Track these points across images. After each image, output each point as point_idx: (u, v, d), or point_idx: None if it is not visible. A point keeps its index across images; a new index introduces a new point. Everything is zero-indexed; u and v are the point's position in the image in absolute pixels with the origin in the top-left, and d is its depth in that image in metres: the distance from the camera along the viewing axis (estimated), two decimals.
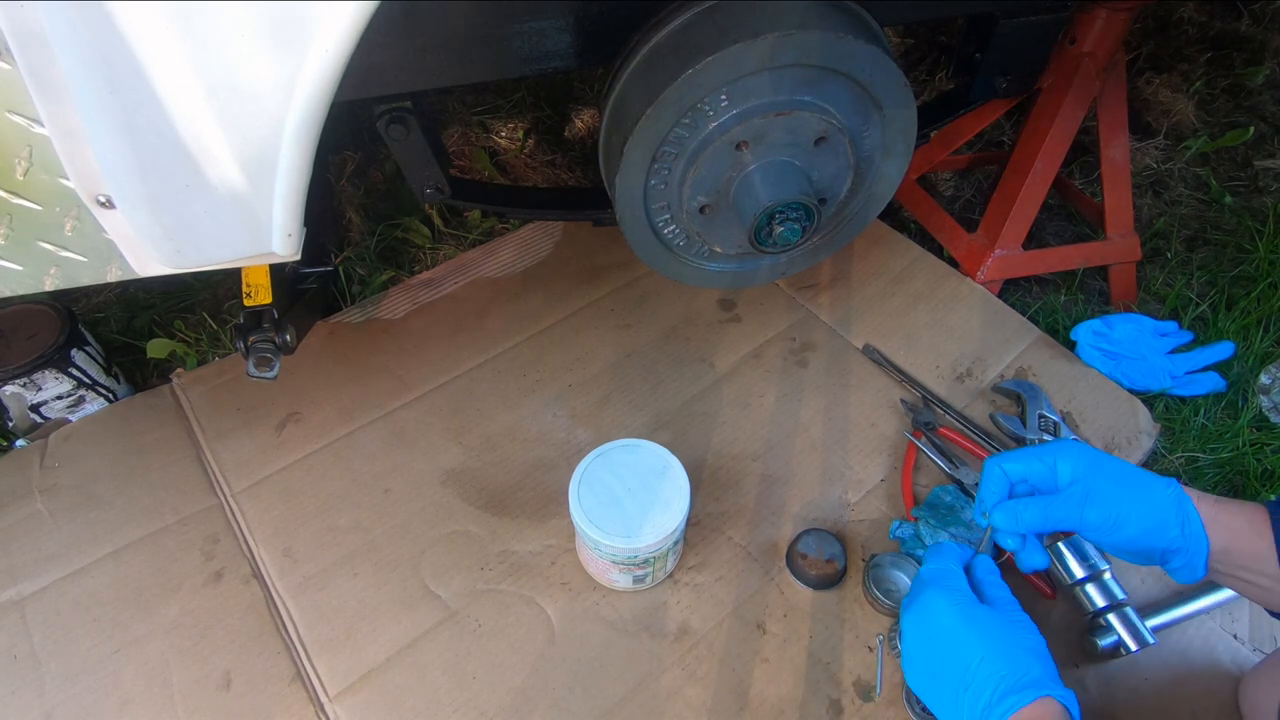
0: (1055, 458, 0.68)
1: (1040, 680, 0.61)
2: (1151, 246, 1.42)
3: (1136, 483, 0.65)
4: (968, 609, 0.67)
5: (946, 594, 0.69)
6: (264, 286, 0.96)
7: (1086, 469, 0.66)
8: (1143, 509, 0.63)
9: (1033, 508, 0.67)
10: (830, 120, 0.83)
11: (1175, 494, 0.64)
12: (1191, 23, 1.81)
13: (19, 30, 0.53)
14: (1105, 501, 0.64)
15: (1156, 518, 0.63)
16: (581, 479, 0.85)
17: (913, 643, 0.69)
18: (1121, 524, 0.64)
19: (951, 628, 0.66)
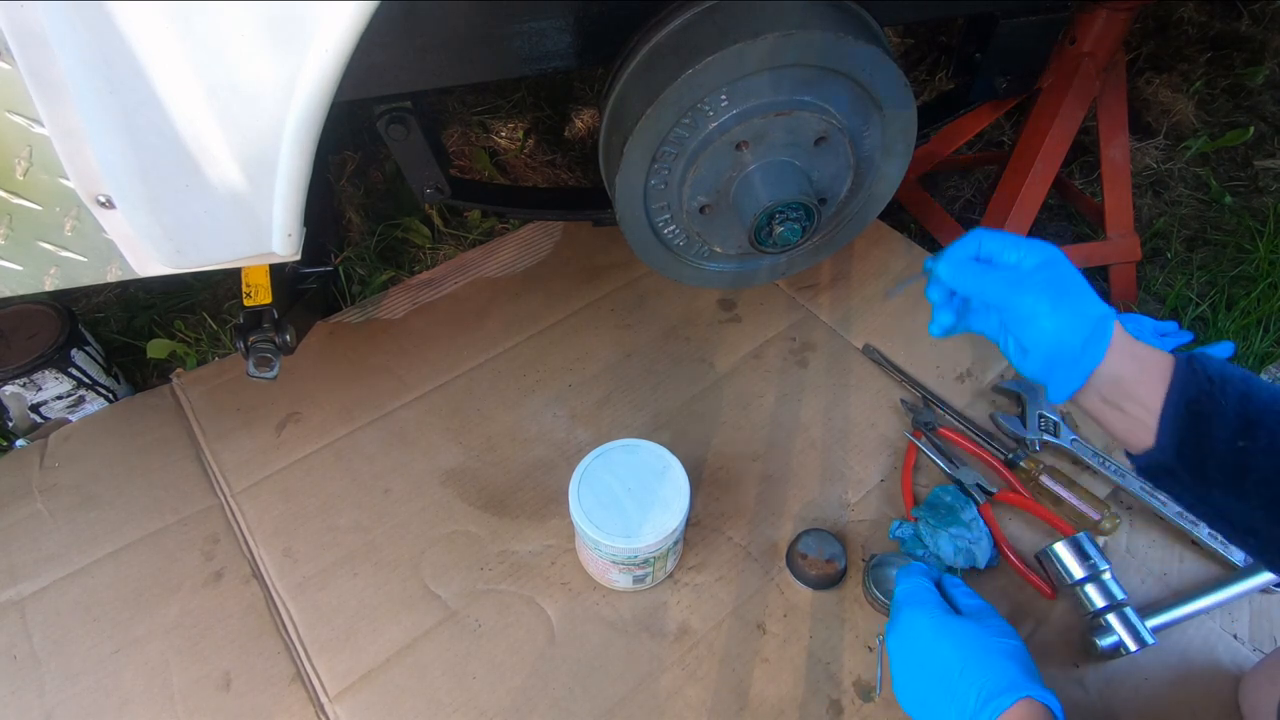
0: (1029, 249, 0.64)
1: (1020, 683, 0.62)
2: (1151, 246, 1.42)
3: (1076, 291, 0.62)
4: (944, 622, 0.69)
5: (923, 610, 0.71)
6: (264, 286, 0.96)
7: (1045, 264, 0.63)
8: (1064, 312, 0.61)
9: (980, 272, 0.65)
10: (830, 120, 0.83)
11: (1101, 313, 0.61)
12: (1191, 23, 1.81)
13: (19, 30, 0.53)
14: (1039, 293, 0.62)
15: (1070, 325, 0.61)
16: (581, 479, 0.85)
17: (898, 661, 0.71)
18: (1039, 319, 0.62)
19: (931, 642, 0.68)
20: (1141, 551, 0.94)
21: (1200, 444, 0.58)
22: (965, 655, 0.66)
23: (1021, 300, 0.62)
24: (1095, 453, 1.01)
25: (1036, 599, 0.90)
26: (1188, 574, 0.92)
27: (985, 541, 0.91)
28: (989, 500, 0.96)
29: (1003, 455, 1.01)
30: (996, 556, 0.92)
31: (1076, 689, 0.83)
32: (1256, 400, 0.56)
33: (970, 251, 0.69)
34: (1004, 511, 0.97)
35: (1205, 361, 0.59)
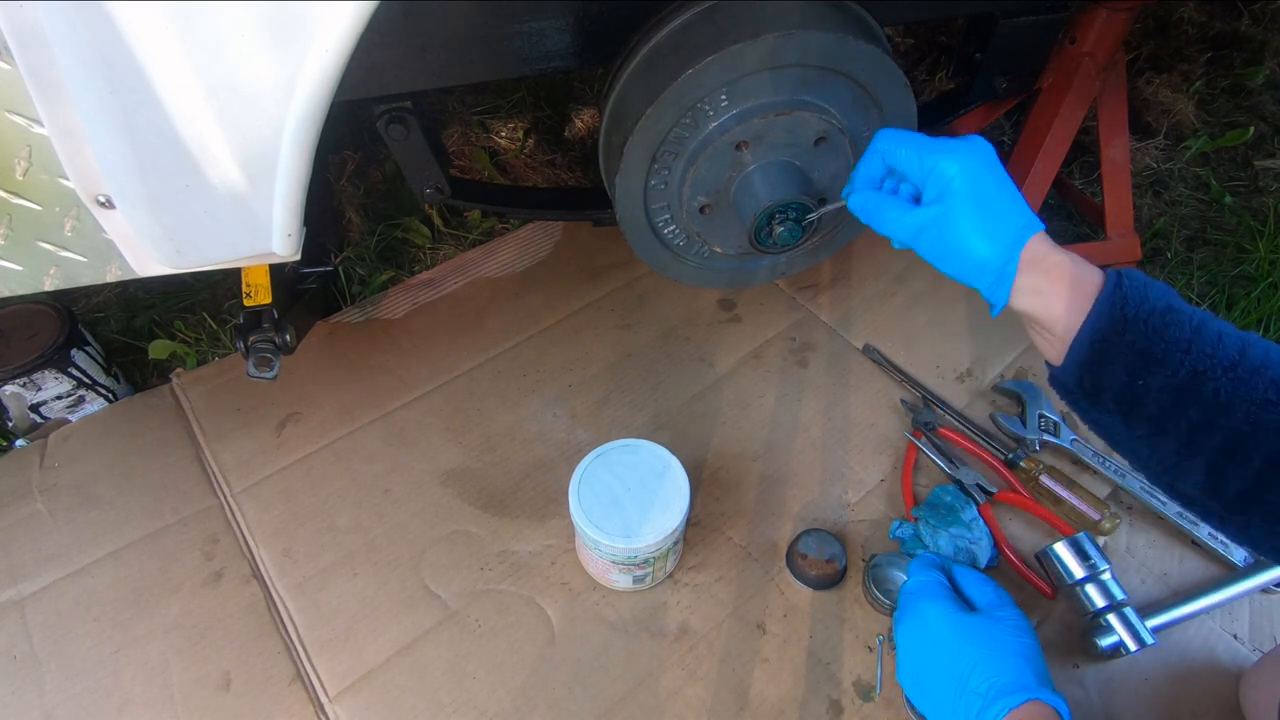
0: (935, 163, 0.63)
1: (1030, 684, 0.62)
2: (1151, 246, 1.42)
3: (980, 226, 0.61)
4: (957, 618, 0.69)
5: (936, 604, 0.71)
6: (264, 286, 0.96)
7: (948, 193, 0.62)
8: (966, 256, 0.62)
9: (882, 209, 0.67)
10: (830, 120, 0.83)
11: (1007, 255, 0.61)
12: (1191, 23, 1.81)
13: (19, 30, 0.53)
14: (939, 237, 0.63)
15: (976, 268, 0.62)
16: (581, 479, 0.85)
17: (907, 654, 0.71)
18: (943, 263, 0.64)
19: (944, 637, 0.68)
20: (1141, 551, 0.94)
21: (1099, 378, 0.58)
22: (975, 652, 0.65)
23: (925, 247, 0.64)
24: (1095, 453, 1.01)
25: (1037, 599, 0.90)
26: (1188, 574, 0.92)
27: (985, 541, 0.91)
28: (989, 500, 0.96)
29: (1003, 455, 1.01)
30: (996, 556, 0.92)
31: (1076, 689, 0.83)
32: (1167, 336, 0.56)
33: (875, 174, 0.69)
34: (1004, 511, 0.97)
35: (1129, 288, 0.57)
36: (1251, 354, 0.55)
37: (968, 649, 0.66)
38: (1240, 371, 0.55)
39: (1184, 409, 0.56)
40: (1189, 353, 0.55)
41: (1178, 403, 0.56)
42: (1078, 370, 0.59)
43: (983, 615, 0.70)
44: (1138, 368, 0.57)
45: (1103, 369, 0.58)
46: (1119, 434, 0.61)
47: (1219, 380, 0.55)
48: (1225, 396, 0.54)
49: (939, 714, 0.66)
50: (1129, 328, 0.56)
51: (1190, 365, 0.55)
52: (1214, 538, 0.93)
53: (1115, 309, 0.57)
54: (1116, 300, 0.57)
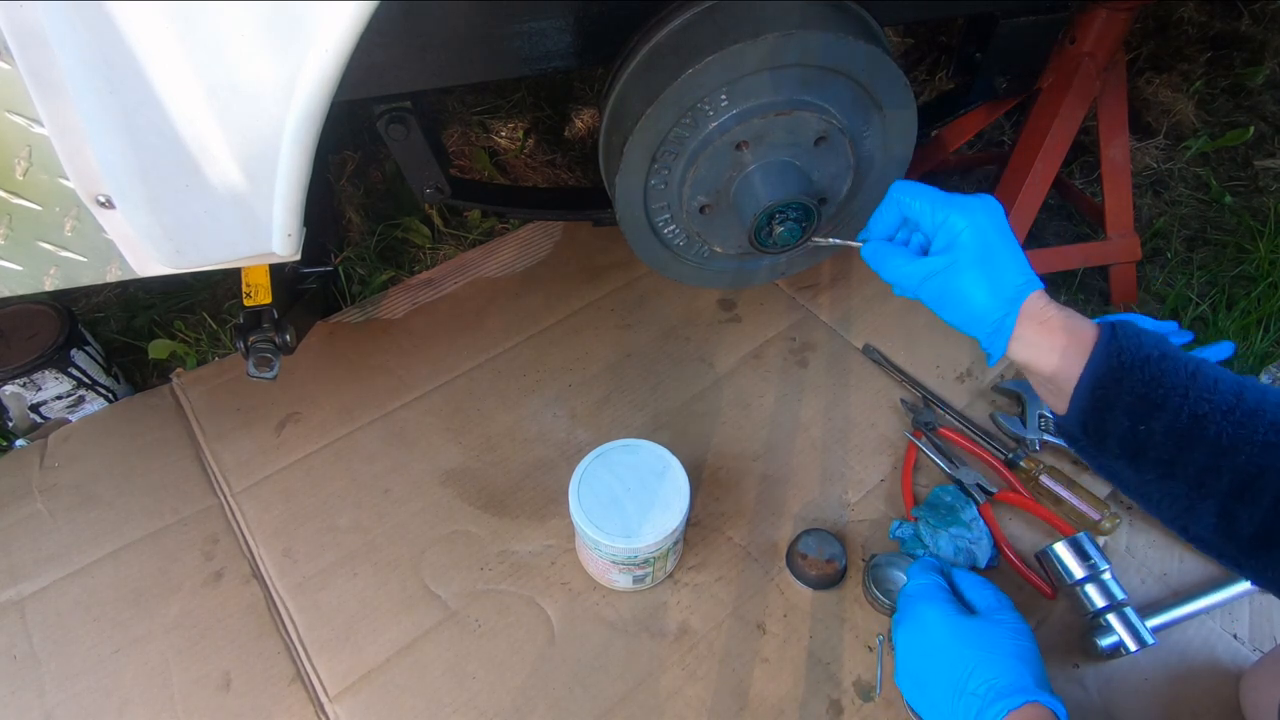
0: (945, 217, 0.67)
1: (1028, 686, 0.62)
2: (1151, 246, 1.42)
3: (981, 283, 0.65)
4: (956, 620, 0.70)
5: (935, 607, 0.71)
6: (264, 286, 0.96)
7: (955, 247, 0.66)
8: (967, 309, 0.65)
9: (889, 258, 0.70)
10: (830, 120, 0.83)
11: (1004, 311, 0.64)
12: (1191, 23, 1.81)
13: (19, 30, 0.53)
14: (942, 291, 0.66)
15: (975, 322, 0.65)
16: (581, 479, 0.85)
17: (906, 657, 0.71)
18: (944, 314, 0.67)
19: (943, 641, 0.68)
20: (1141, 551, 0.94)
21: (1103, 424, 0.60)
22: (973, 655, 0.66)
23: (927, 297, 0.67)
24: None
25: (1036, 599, 0.90)
26: (1188, 574, 0.92)
27: (985, 541, 0.91)
28: (989, 500, 0.96)
29: (1003, 455, 1.01)
30: (996, 556, 0.92)
31: (1076, 689, 0.83)
32: (1164, 382, 0.58)
33: (892, 224, 0.71)
34: (1004, 511, 0.97)
35: (1124, 339, 0.60)
36: (1248, 397, 0.56)
37: (966, 652, 0.67)
38: (1239, 415, 0.56)
39: (1189, 452, 0.57)
40: (1187, 397, 0.57)
41: (1182, 446, 0.57)
42: (1081, 418, 0.61)
43: (981, 618, 0.71)
44: (1139, 413, 0.58)
45: (1105, 415, 0.60)
46: (1128, 479, 0.62)
47: (1219, 424, 0.56)
48: (1227, 440, 0.55)
49: (937, 716, 0.66)
50: (1126, 374, 0.58)
51: (1190, 409, 0.56)
52: None
53: (1112, 357, 0.59)
54: (1113, 349, 0.59)
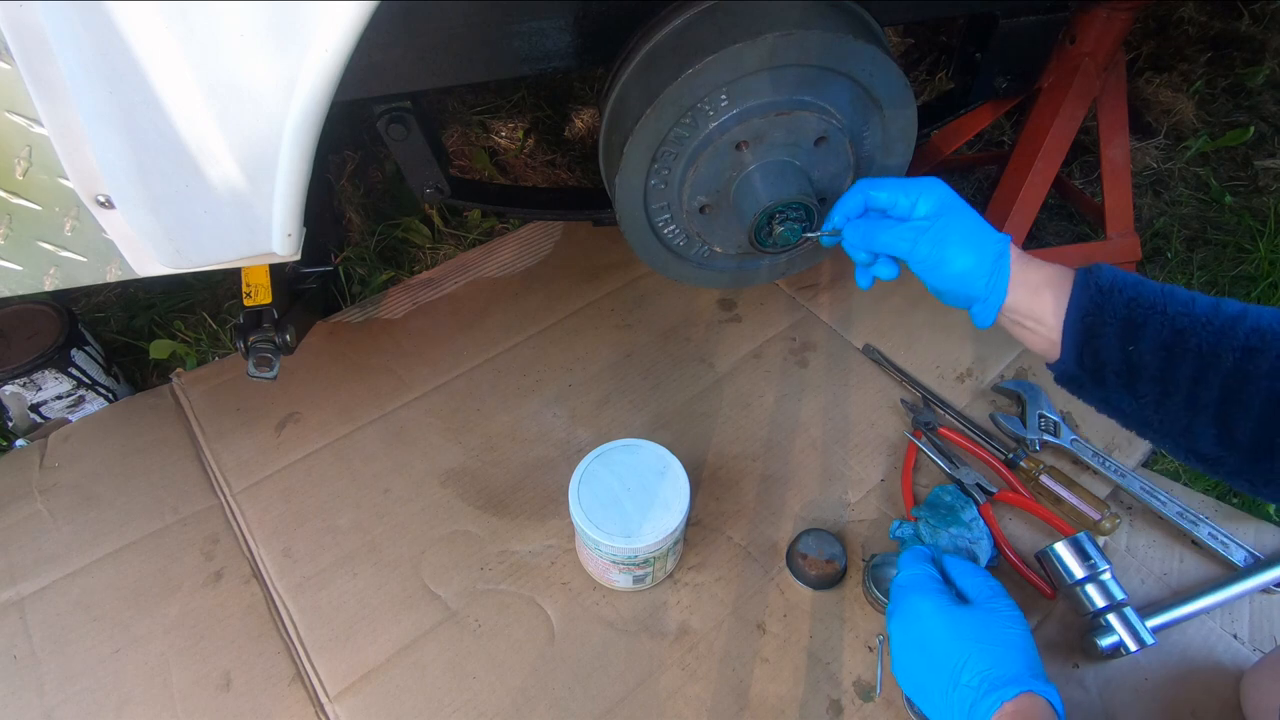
0: (919, 194, 0.71)
1: (1021, 676, 0.62)
2: (1152, 246, 1.42)
3: (971, 233, 0.69)
4: (950, 611, 0.69)
5: (928, 598, 0.71)
6: (264, 286, 0.96)
7: (938, 211, 0.70)
8: (966, 257, 0.68)
9: (879, 230, 0.72)
10: (830, 120, 0.83)
11: (998, 250, 0.68)
12: (1191, 23, 1.81)
13: (19, 30, 0.53)
14: (938, 243, 0.69)
15: (974, 268, 0.68)
16: (581, 479, 0.85)
17: (901, 648, 0.71)
18: (944, 266, 0.69)
19: (936, 631, 0.68)
20: (1141, 551, 0.94)
21: (1096, 352, 0.63)
22: (967, 646, 0.65)
23: (925, 252, 0.69)
24: (1095, 453, 1.01)
25: (1037, 598, 0.90)
26: (1188, 574, 0.92)
27: (985, 541, 0.91)
28: (989, 500, 0.96)
29: (1003, 455, 1.01)
30: (997, 556, 0.92)
31: (1076, 689, 0.83)
32: (1143, 302, 0.62)
33: (857, 208, 0.74)
34: (1004, 511, 0.97)
35: (1099, 272, 0.64)
36: (1226, 307, 0.60)
37: (959, 643, 0.66)
38: (1219, 323, 0.59)
39: (1177, 367, 0.60)
40: (1166, 313, 0.60)
41: (1170, 361, 0.60)
42: (1076, 351, 0.64)
43: (974, 607, 0.70)
44: (1126, 334, 0.61)
45: (1097, 344, 0.63)
46: (1129, 408, 0.65)
47: (1200, 334, 0.59)
48: (1208, 348, 0.59)
49: (933, 708, 0.66)
50: (1107, 300, 0.62)
51: (1170, 325, 0.60)
52: (1214, 538, 0.93)
53: (1091, 287, 0.63)
54: (1090, 281, 0.63)
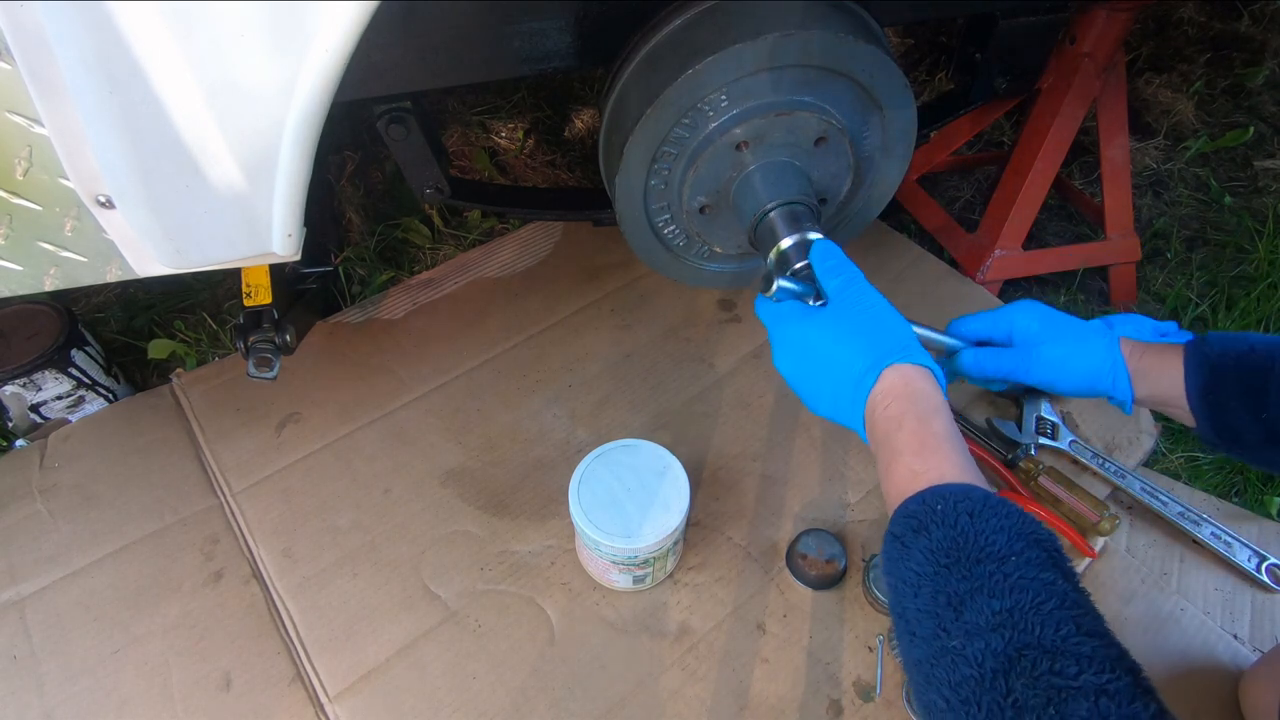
0: (1011, 318, 0.78)
1: (886, 353, 0.62)
2: (1151, 247, 1.42)
3: (1078, 341, 0.74)
4: (804, 324, 0.68)
5: (787, 325, 0.70)
6: (264, 286, 0.96)
7: (1037, 328, 0.76)
8: (1081, 365, 0.73)
9: (992, 359, 0.78)
10: (830, 120, 0.83)
11: (1111, 353, 0.73)
12: (1191, 23, 1.81)
13: (19, 30, 0.53)
14: (1050, 359, 0.75)
15: (1093, 373, 0.73)
16: (581, 479, 0.85)
17: (792, 382, 0.70)
18: (1063, 378, 0.75)
19: (800, 344, 0.68)
20: (1141, 551, 0.94)
21: (1228, 424, 0.66)
22: (829, 347, 0.65)
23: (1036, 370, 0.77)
24: (1095, 454, 1.01)
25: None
26: (1188, 573, 0.92)
27: None
28: None
29: (1002, 455, 1.01)
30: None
31: None
32: (1255, 366, 0.64)
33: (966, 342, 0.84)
34: None
35: (1208, 346, 0.66)
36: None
37: (823, 346, 0.66)
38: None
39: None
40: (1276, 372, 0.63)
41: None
42: (1210, 425, 0.67)
43: (830, 305, 0.68)
44: (1250, 403, 0.64)
45: (1227, 417, 0.66)
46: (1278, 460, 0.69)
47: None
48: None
49: (835, 413, 0.66)
50: (1220, 375, 0.65)
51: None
52: (1217, 537, 0.93)
53: (1204, 366, 0.66)
54: (1200, 358, 0.67)
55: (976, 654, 0.45)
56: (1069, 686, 0.41)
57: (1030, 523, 0.50)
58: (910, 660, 0.50)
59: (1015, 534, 0.49)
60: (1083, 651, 0.43)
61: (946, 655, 0.46)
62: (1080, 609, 0.45)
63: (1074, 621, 0.44)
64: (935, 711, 0.47)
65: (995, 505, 0.51)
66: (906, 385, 0.60)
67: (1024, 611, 0.45)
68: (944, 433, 0.57)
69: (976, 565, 0.48)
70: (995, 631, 0.45)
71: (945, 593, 0.49)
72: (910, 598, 0.51)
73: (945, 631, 0.47)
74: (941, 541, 0.50)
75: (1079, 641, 0.43)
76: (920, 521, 0.52)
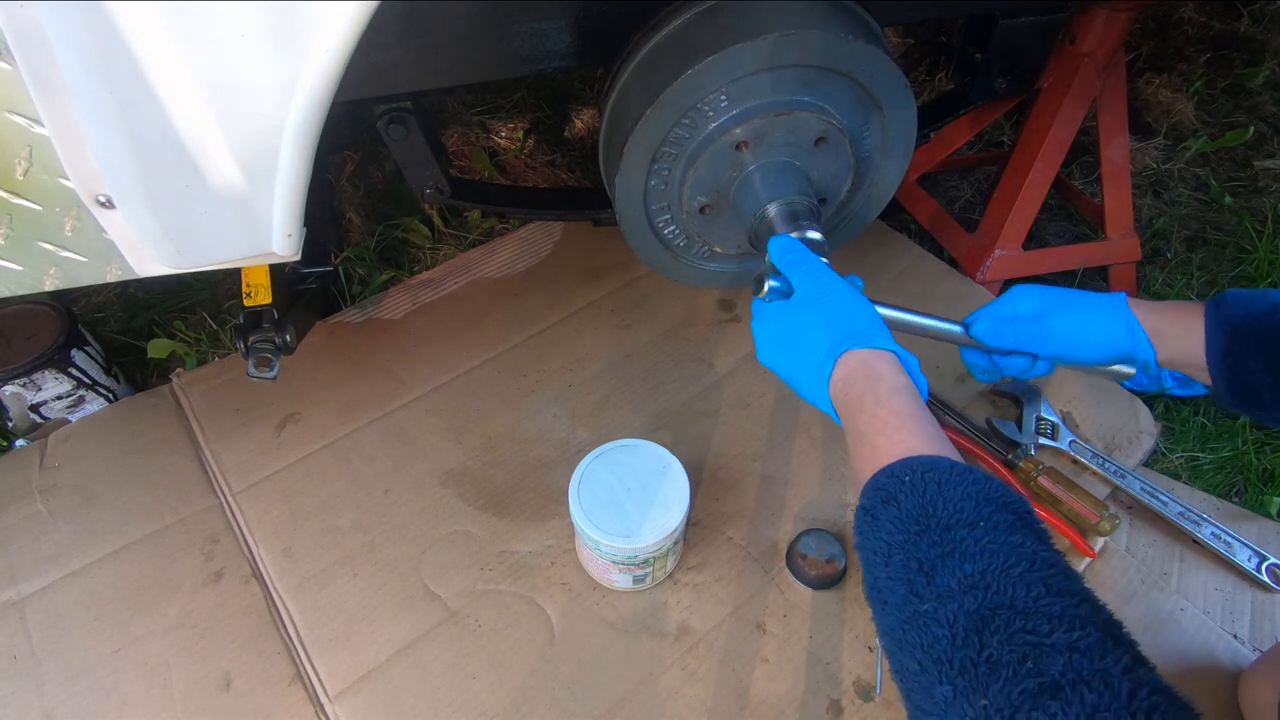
0: (1013, 303, 0.76)
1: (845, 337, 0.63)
2: (1151, 247, 1.42)
3: (1087, 307, 0.73)
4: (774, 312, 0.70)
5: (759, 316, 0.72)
6: (264, 286, 0.96)
7: (1040, 305, 0.74)
8: (1096, 330, 0.71)
9: (1009, 327, 0.75)
10: (830, 120, 0.83)
11: (1122, 312, 0.71)
12: (1191, 23, 1.81)
13: (19, 30, 0.53)
14: (1063, 329, 0.73)
15: (1110, 336, 0.71)
16: (581, 479, 0.85)
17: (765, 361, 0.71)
18: (1080, 346, 0.73)
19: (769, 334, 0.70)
20: (1141, 551, 0.94)
21: (1248, 384, 0.65)
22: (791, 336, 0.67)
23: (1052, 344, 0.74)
24: (1095, 454, 1.01)
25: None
26: (1188, 574, 0.92)
27: None
28: None
29: (1002, 456, 1.01)
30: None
31: None
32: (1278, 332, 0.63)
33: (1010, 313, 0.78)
34: None
35: (1230, 307, 0.65)
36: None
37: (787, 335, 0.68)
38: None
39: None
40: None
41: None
42: (1227, 385, 0.67)
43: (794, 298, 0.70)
44: (1273, 364, 0.63)
45: (1247, 377, 0.65)
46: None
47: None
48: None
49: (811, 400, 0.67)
50: (1243, 336, 0.64)
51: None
52: (1217, 537, 0.93)
53: (1225, 325, 0.65)
54: (1222, 318, 0.65)
55: (949, 615, 0.45)
56: (1042, 644, 0.42)
57: (999, 487, 0.51)
58: (884, 629, 0.51)
59: (984, 499, 0.49)
60: (1053, 611, 0.43)
61: (919, 619, 0.47)
62: (1051, 568, 0.46)
63: (1043, 583, 0.45)
64: (909, 675, 0.47)
65: (963, 472, 0.51)
66: (864, 368, 0.61)
67: (995, 574, 0.45)
68: (905, 410, 0.57)
69: (946, 531, 0.48)
70: (967, 593, 0.45)
71: (916, 559, 0.49)
72: (881, 567, 0.51)
73: (917, 596, 0.47)
74: (911, 510, 0.51)
75: (1048, 602, 0.44)
76: (889, 493, 0.53)
